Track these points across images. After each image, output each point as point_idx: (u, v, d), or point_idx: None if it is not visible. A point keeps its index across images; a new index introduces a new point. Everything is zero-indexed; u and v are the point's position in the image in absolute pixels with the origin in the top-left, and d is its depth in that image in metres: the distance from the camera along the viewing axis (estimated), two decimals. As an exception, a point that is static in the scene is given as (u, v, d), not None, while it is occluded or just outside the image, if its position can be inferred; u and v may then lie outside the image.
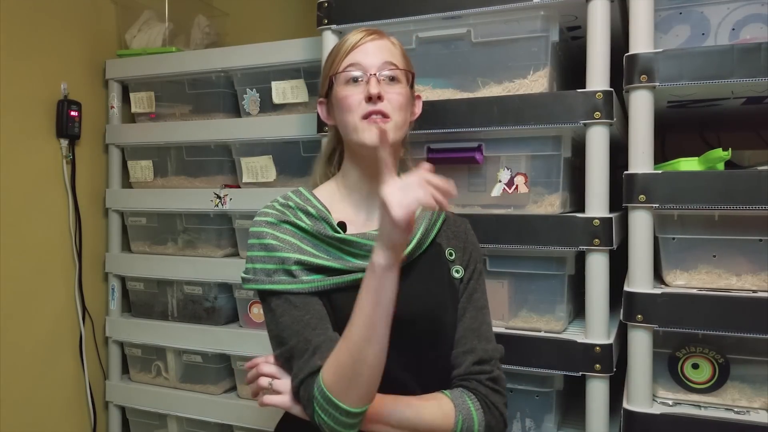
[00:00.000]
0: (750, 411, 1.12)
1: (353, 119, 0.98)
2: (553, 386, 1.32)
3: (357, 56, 1.00)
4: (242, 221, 1.79)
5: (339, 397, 0.86)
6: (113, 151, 2.00)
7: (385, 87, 0.98)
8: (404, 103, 1.00)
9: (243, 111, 1.81)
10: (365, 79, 0.98)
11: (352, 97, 0.98)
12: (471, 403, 0.95)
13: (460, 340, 1.01)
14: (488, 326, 1.04)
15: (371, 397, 0.88)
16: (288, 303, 0.95)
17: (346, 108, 0.99)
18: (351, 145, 1.02)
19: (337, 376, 0.86)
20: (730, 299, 1.09)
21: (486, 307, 1.05)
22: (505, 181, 1.31)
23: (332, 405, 0.86)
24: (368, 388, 0.87)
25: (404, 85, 1.02)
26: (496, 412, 0.96)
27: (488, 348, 1.01)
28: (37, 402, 1.79)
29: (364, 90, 0.98)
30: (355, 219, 1.03)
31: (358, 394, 0.86)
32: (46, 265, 1.83)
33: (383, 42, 1.02)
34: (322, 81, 1.07)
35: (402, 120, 1.00)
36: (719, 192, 1.09)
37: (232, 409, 1.77)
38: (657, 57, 1.14)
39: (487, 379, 0.98)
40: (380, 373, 0.87)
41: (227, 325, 1.84)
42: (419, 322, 0.98)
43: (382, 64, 0.99)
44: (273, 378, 0.97)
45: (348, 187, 1.06)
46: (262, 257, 0.98)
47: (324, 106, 1.09)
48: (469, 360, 0.99)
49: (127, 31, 2.03)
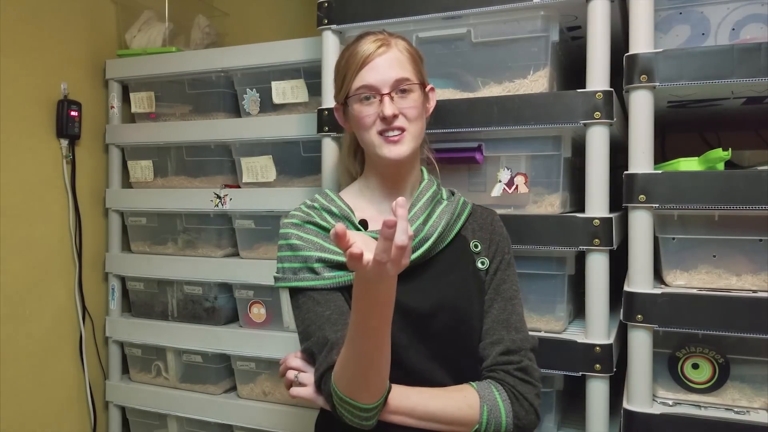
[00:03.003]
0: (750, 411, 1.12)
1: (370, 136, 1.03)
2: (553, 386, 1.32)
3: (367, 76, 1.02)
4: (242, 221, 1.79)
5: (351, 395, 0.89)
6: (113, 151, 2.00)
7: (398, 102, 1.02)
8: (418, 113, 1.04)
9: (243, 111, 1.81)
10: (378, 99, 1.02)
11: (368, 117, 1.02)
12: (498, 394, 0.96)
13: (488, 332, 1.03)
14: (519, 316, 1.04)
15: (382, 391, 0.90)
16: (311, 300, 1.00)
17: (362, 126, 1.03)
18: (370, 155, 1.08)
19: (345, 377, 0.90)
20: (730, 299, 1.09)
21: (516, 298, 1.05)
22: (505, 181, 1.31)
23: (347, 402, 0.90)
24: (376, 385, 0.89)
25: (417, 93, 1.04)
26: (525, 403, 0.96)
27: (517, 338, 1.01)
28: (37, 402, 1.79)
29: (378, 108, 1.01)
30: (378, 217, 1.07)
31: (368, 391, 0.89)
32: (46, 265, 1.83)
33: (392, 54, 1.03)
34: (336, 89, 1.10)
35: (418, 129, 1.05)
36: (719, 192, 1.09)
37: (232, 409, 1.77)
38: (657, 57, 1.13)
39: (516, 369, 0.98)
40: (385, 370, 0.89)
41: (227, 325, 1.84)
42: (440, 315, 1.01)
43: (394, 82, 1.02)
44: (299, 371, 1.02)
45: (370, 188, 1.11)
46: (288, 257, 1.04)
47: (340, 112, 1.12)
48: (496, 351, 1.00)
49: (127, 31, 2.03)
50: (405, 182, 1.09)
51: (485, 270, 1.06)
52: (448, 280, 1.03)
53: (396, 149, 1.02)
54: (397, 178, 1.09)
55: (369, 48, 1.02)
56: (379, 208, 1.09)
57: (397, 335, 0.98)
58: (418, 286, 1.02)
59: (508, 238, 1.11)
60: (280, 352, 1.68)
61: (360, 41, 1.05)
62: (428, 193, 1.08)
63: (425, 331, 1.00)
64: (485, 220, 1.11)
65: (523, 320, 1.05)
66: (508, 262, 1.08)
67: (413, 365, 0.99)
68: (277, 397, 1.74)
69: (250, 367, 1.77)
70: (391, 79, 1.01)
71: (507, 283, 1.06)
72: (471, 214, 1.11)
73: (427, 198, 1.07)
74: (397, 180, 1.09)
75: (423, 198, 1.07)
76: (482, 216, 1.12)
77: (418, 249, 1.01)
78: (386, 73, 1.01)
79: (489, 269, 1.06)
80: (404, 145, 1.02)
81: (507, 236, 1.11)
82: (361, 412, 0.90)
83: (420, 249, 1.01)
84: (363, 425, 0.92)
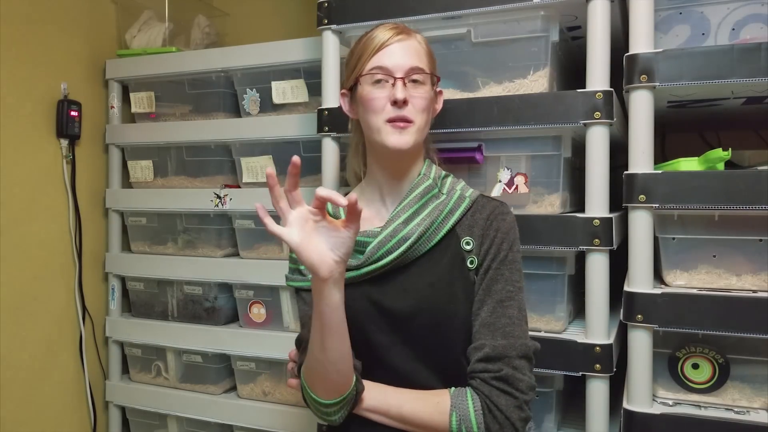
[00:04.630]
0: (750, 411, 1.12)
1: (377, 121, 1.01)
2: (553, 386, 1.32)
3: (383, 59, 1.01)
4: (242, 221, 1.79)
5: (313, 390, 0.96)
6: (113, 151, 2.00)
7: (410, 90, 1.01)
8: (427, 105, 1.03)
9: (243, 111, 1.81)
10: (391, 82, 1.00)
11: (378, 100, 1.00)
12: (471, 403, 0.93)
13: (474, 335, 0.99)
14: (508, 320, 0.97)
15: (341, 390, 0.93)
16: (302, 300, 1.07)
17: (371, 109, 1.01)
18: (372, 143, 1.05)
19: (308, 373, 0.96)
20: (730, 299, 1.09)
21: (510, 299, 0.98)
22: (505, 181, 1.31)
23: (309, 395, 0.97)
24: (335, 385, 0.93)
25: (428, 87, 1.04)
26: (500, 416, 0.91)
27: (500, 344, 0.95)
28: (37, 402, 1.79)
29: (390, 92, 1.00)
30: (375, 217, 1.08)
31: (325, 388, 0.93)
32: (47, 265, 1.83)
33: (410, 42, 1.03)
34: (347, 74, 1.09)
35: (424, 122, 1.03)
36: (719, 192, 1.09)
37: (232, 409, 1.77)
38: (657, 57, 1.13)
39: (493, 378, 0.93)
40: (345, 371, 0.92)
41: (227, 325, 1.84)
42: (420, 316, 0.99)
43: (408, 69, 1.01)
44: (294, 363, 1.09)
45: (371, 186, 1.11)
46: (291, 257, 1.11)
47: (347, 98, 1.11)
48: (475, 357, 0.97)
49: (127, 31, 2.03)
50: (405, 176, 1.07)
51: (475, 269, 1.01)
52: (431, 281, 1.00)
53: (401, 138, 1.00)
54: (397, 168, 1.07)
55: (387, 33, 1.02)
56: (376, 207, 1.09)
57: (378, 336, 1.00)
58: (399, 287, 1.01)
59: (508, 232, 1.02)
60: (280, 352, 1.68)
61: (379, 27, 1.05)
62: (419, 189, 1.05)
63: (407, 333, 0.99)
64: (482, 215, 1.04)
65: (517, 324, 0.97)
66: (503, 260, 1.00)
67: (397, 366, 0.99)
68: (277, 397, 1.74)
69: (250, 367, 1.77)
70: (407, 65, 1.01)
71: (500, 282, 0.99)
72: (471, 208, 1.05)
73: (416, 195, 1.04)
74: (397, 172, 1.07)
75: (412, 194, 1.05)
76: (481, 210, 1.05)
77: (396, 250, 0.99)
78: (402, 58, 1.01)
79: (479, 268, 1.00)
80: (408, 136, 1.00)
81: (508, 231, 1.02)
82: (320, 407, 0.95)
83: (398, 250, 0.99)
84: (327, 420, 0.97)
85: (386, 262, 1.00)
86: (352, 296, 0.98)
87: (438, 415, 0.94)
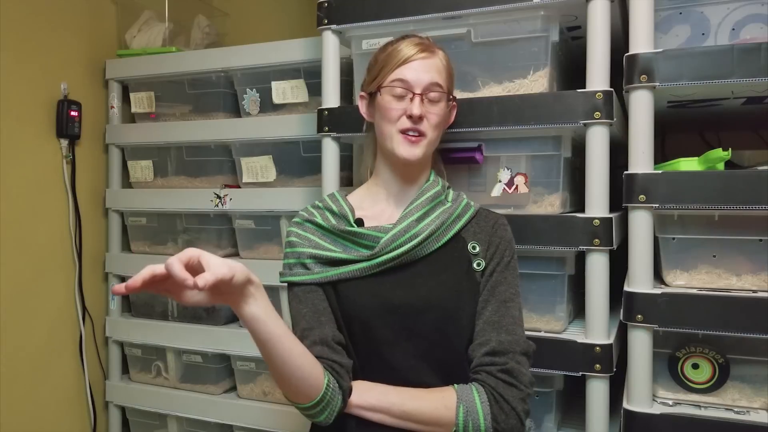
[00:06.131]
0: (750, 411, 1.12)
1: (391, 130, 1.07)
2: (553, 386, 1.32)
3: (405, 73, 1.06)
4: (242, 221, 1.79)
5: (287, 396, 0.97)
6: (113, 151, 2.00)
7: (426, 106, 1.06)
8: (441, 121, 1.09)
9: (243, 111, 1.81)
10: (409, 97, 1.05)
11: (395, 111, 1.06)
12: (477, 395, 0.96)
13: (478, 333, 1.02)
14: (512, 319, 1.02)
15: (312, 395, 0.93)
16: (295, 297, 1.06)
17: (387, 118, 1.07)
18: (384, 148, 1.11)
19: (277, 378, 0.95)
20: (730, 299, 1.09)
21: (512, 301, 1.04)
22: (505, 181, 1.31)
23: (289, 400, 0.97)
24: (305, 389, 0.93)
25: (443, 103, 1.09)
26: (506, 406, 0.95)
27: (505, 340, 0.99)
28: (37, 402, 1.79)
29: (407, 106, 1.05)
30: (380, 215, 1.11)
31: (296, 394, 0.94)
32: (46, 265, 1.83)
33: (432, 61, 1.08)
34: (369, 79, 1.13)
35: (436, 136, 1.10)
36: (719, 192, 1.09)
37: (232, 409, 1.77)
38: (657, 57, 1.13)
39: (499, 371, 0.97)
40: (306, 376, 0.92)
41: (227, 325, 1.84)
42: (428, 312, 1.01)
43: (427, 85, 1.06)
44: None
45: (378, 185, 1.14)
46: (288, 253, 1.10)
47: (365, 101, 1.15)
48: (481, 351, 1.00)
49: (127, 31, 2.03)
50: (412, 181, 1.12)
51: (481, 271, 1.06)
52: (440, 279, 1.03)
53: (411, 150, 1.06)
54: (405, 174, 1.12)
55: (413, 49, 1.07)
56: (383, 206, 1.12)
57: (382, 332, 1.01)
58: (407, 283, 1.03)
59: (510, 241, 1.10)
60: (280, 352, 1.68)
61: (406, 40, 1.10)
62: (429, 192, 1.10)
63: (412, 329, 1.01)
64: (487, 223, 1.11)
65: (519, 324, 1.03)
66: (507, 265, 1.07)
67: (399, 363, 1.00)
68: (276, 397, 1.74)
69: (250, 367, 1.77)
70: (426, 81, 1.06)
71: (503, 285, 1.05)
72: (475, 216, 1.11)
73: (427, 197, 1.09)
74: (405, 178, 1.12)
75: (423, 197, 1.09)
76: (486, 219, 1.12)
77: (407, 243, 1.03)
78: (423, 75, 1.06)
79: (485, 270, 1.06)
80: (419, 149, 1.06)
81: (509, 240, 1.10)
82: (301, 410, 0.96)
83: (408, 244, 1.03)
84: (315, 421, 0.97)
85: (398, 254, 1.03)
86: (357, 291, 1.02)
87: (444, 409, 0.95)
